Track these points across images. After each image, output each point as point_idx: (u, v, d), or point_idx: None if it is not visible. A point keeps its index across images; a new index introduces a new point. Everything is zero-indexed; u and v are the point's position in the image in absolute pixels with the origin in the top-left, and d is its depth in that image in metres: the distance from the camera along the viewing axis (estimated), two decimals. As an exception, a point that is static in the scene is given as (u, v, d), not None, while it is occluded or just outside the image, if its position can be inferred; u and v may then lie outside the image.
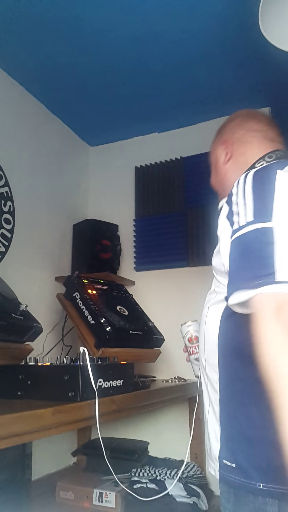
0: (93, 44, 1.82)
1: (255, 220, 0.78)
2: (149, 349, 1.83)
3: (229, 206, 0.87)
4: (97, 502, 1.71)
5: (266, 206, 0.78)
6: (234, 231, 0.82)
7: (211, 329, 0.95)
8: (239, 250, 0.79)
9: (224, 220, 0.87)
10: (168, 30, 1.74)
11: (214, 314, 0.95)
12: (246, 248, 0.78)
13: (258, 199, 0.80)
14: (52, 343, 1.98)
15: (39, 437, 0.95)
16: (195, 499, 1.68)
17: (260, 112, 1.16)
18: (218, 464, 0.86)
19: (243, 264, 0.77)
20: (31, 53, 1.87)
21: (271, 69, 1.95)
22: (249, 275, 0.74)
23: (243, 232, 0.79)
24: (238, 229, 0.80)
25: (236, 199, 0.84)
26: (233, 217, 0.83)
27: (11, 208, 1.95)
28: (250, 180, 0.84)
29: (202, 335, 1.01)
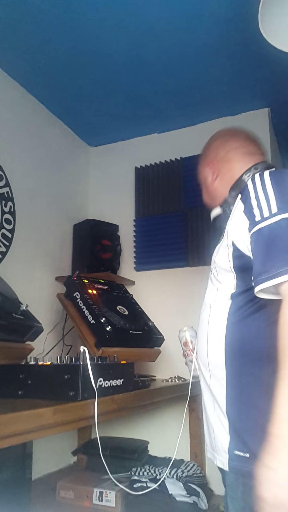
0: (93, 45, 1.82)
1: (279, 211, 0.83)
2: (149, 348, 1.84)
3: (245, 202, 0.92)
4: (97, 501, 1.72)
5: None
6: (256, 222, 0.86)
7: (216, 327, 0.98)
8: (265, 239, 0.84)
9: (241, 214, 0.92)
10: (168, 30, 1.74)
11: (219, 312, 0.98)
12: (273, 236, 0.83)
13: (280, 193, 0.86)
14: (52, 343, 1.99)
15: (39, 437, 0.95)
16: (195, 498, 1.69)
17: (239, 129, 1.24)
18: (228, 456, 0.89)
19: (271, 251, 0.82)
20: (31, 54, 1.87)
21: (271, 69, 1.95)
22: (280, 261, 0.79)
23: (269, 223, 0.84)
24: (261, 220, 0.85)
25: (254, 194, 0.90)
26: (253, 210, 0.88)
27: (11, 209, 1.95)
28: (268, 179, 0.90)
29: (204, 334, 1.03)
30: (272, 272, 0.79)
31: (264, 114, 2.28)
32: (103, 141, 2.66)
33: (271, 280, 0.79)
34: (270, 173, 0.91)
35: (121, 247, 2.38)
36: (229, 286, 0.98)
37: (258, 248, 0.85)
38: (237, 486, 0.87)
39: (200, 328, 1.06)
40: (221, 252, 1.00)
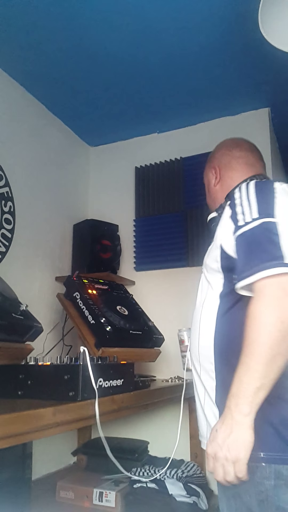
0: (93, 45, 1.82)
1: (260, 216, 0.93)
2: (149, 348, 1.84)
3: (232, 208, 1.01)
4: (97, 502, 1.72)
5: (268, 207, 0.94)
6: (239, 226, 0.95)
7: (206, 324, 1.06)
8: (247, 241, 0.93)
9: (228, 220, 1.01)
10: (168, 30, 1.74)
11: (209, 311, 1.06)
12: (254, 238, 0.92)
13: (261, 201, 0.96)
14: (52, 343, 1.99)
15: (39, 437, 0.95)
16: (195, 498, 1.69)
17: (243, 140, 1.35)
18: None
19: (251, 252, 0.90)
20: (32, 54, 1.87)
21: (271, 69, 1.95)
22: (257, 261, 0.87)
23: (250, 227, 0.93)
24: (244, 224, 0.94)
25: (240, 201, 0.99)
26: (237, 216, 0.97)
27: (11, 208, 1.95)
28: (253, 187, 1.00)
29: (196, 332, 1.11)
30: (250, 271, 0.87)
31: (264, 114, 2.28)
32: (103, 141, 2.66)
33: (249, 277, 0.87)
34: (255, 183, 1.01)
35: (121, 247, 2.38)
36: (218, 285, 1.06)
37: (240, 250, 0.94)
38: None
39: (193, 326, 1.14)
40: (211, 254, 1.08)
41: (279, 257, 0.85)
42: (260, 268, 0.85)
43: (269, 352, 0.81)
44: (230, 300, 1.01)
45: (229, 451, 0.83)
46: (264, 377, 0.82)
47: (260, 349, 0.82)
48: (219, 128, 2.37)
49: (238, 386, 0.84)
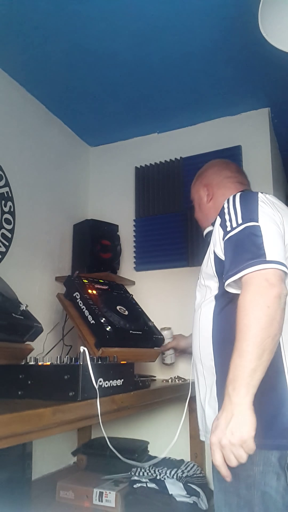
0: (93, 45, 1.82)
1: (243, 222, 1.05)
2: (149, 348, 1.84)
3: (221, 217, 1.13)
4: (97, 502, 1.72)
5: (252, 213, 1.06)
6: (227, 232, 1.07)
7: (205, 324, 1.16)
8: (234, 243, 1.04)
9: (218, 228, 1.13)
10: (168, 30, 1.74)
11: (206, 312, 1.17)
12: (240, 241, 1.03)
13: (245, 208, 1.09)
14: (52, 343, 1.99)
15: (39, 437, 0.95)
16: (195, 498, 1.69)
17: (229, 161, 1.54)
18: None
19: (236, 253, 1.02)
20: (31, 54, 1.87)
21: (271, 69, 1.95)
22: (242, 260, 0.98)
23: (235, 232, 1.05)
24: (231, 230, 1.07)
25: (227, 211, 1.12)
26: (225, 223, 1.10)
27: (11, 208, 1.95)
28: (238, 197, 1.13)
29: (196, 332, 1.21)
30: (237, 269, 0.99)
31: (264, 114, 2.28)
32: (103, 141, 2.66)
33: (236, 274, 0.98)
34: (240, 194, 1.15)
35: (121, 247, 2.38)
36: (213, 288, 1.17)
37: (227, 252, 1.06)
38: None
39: (193, 328, 1.24)
40: (205, 261, 1.21)
41: (261, 255, 0.96)
42: (245, 266, 0.97)
43: (260, 335, 0.89)
44: (224, 300, 1.12)
45: (233, 435, 0.87)
46: (257, 359, 0.88)
47: (251, 333, 0.90)
48: (219, 128, 2.37)
49: (234, 371, 0.90)
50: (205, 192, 1.44)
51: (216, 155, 2.30)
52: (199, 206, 1.47)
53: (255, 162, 2.23)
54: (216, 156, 2.29)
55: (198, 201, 1.48)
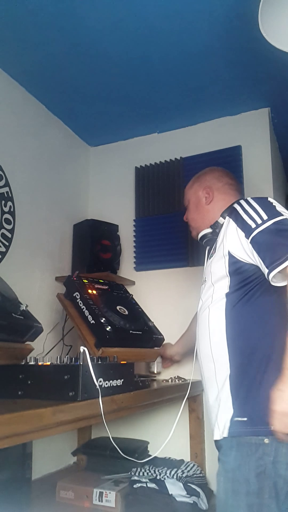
0: (93, 45, 1.82)
1: (269, 218, 1.12)
2: (149, 348, 1.84)
3: (237, 220, 1.20)
4: (97, 502, 1.72)
5: (273, 210, 1.15)
6: (253, 229, 1.13)
7: (216, 322, 1.20)
8: (266, 239, 1.11)
9: (234, 230, 1.20)
10: (168, 30, 1.74)
11: (217, 310, 1.21)
12: (273, 234, 1.10)
13: (265, 207, 1.16)
14: (52, 343, 1.99)
15: (39, 437, 0.95)
16: (195, 498, 1.69)
17: (226, 170, 1.58)
18: (229, 425, 1.10)
19: (273, 246, 1.08)
20: (31, 54, 1.87)
21: (271, 69, 1.95)
22: (283, 251, 1.06)
23: (264, 227, 1.11)
24: (257, 227, 1.13)
25: (244, 212, 1.18)
26: (246, 223, 1.16)
27: (11, 208, 1.95)
28: (252, 200, 1.21)
29: (205, 331, 1.24)
30: (279, 260, 1.05)
31: (264, 114, 2.28)
32: (103, 141, 2.66)
33: (280, 265, 1.05)
34: (253, 198, 1.22)
35: (121, 247, 2.38)
36: (223, 287, 1.21)
37: (262, 247, 1.10)
38: (230, 449, 1.08)
39: (201, 327, 1.27)
40: (215, 263, 1.25)
41: None
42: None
43: None
44: (236, 296, 1.18)
45: None
46: None
47: None
48: (219, 128, 2.37)
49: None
50: (204, 194, 1.48)
51: (216, 155, 2.30)
52: (196, 207, 1.51)
53: (255, 162, 2.23)
54: (217, 156, 2.30)
55: (195, 202, 1.52)
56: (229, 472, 1.06)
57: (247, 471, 1.02)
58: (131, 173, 2.56)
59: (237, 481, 1.03)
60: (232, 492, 1.04)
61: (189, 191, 1.56)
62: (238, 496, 1.02)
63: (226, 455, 1.09)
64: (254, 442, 1.02)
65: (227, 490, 1.05)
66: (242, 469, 1.02)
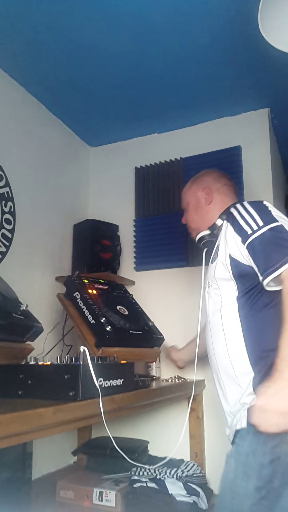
0: (93, 45, 1.82)
1: (265, 224, 1.13)
2: (149, 348, 1.84)
3: (234, 224, 1.21)
4: (97, 501, 1.72)
5: (268, 216, 1.16)
6: (249, 235, 1.14)
7: (231, 326, 1.20)
8: (262, 243, 1.12)
9: (232, 234, 1.21)
10: (168, 30, 1.74)
11: (230, 314, 1.21)
12: (267, 241, 1.11)
13: (261, 212, 1.17)
14: (52, 343, 1.99)
15: (39, 436, 0.95)
16: (195, 498, 1.69)
17: (224, 172, 1.59)
18: (247, 414, 1.11)
19: (268, 252, 1.09)
20: (31, 54, 1.87)
21: (271, 70, 1.95)
22: (277, 257, 1.07)
23: (259, 233, 1.13)
24: (253, 232, 1.14)
25: (241, 217, 1.20)
26: (242, 228, 1.17)
27: (11, 208, 1.95)
28: (248, 204, 1.22)
29: (220, 336, 1.23)
30: (275, 266, 1.06)
31: (264, 115, 2.28)
32: (103, 141, 2.66)
33: (276, 271, 1.06)
34: (249, 202, 1.24)
35: (121, 247, 2.38)
36: (232, 291, 1.21)
37: (257, 253, 1.12)
38: (247, 434, 1.08)
39: (214, 332, 1.27)
40: (219, 266, 1.25)
41: None
42: (284, 262, 1.06)
43: None
44: (248, 301, 1.18)
45: (280, 405, 1.00)
46: None
47: None
48: (219, 129, 2.37)
49: (284, 351, 1.02)
50: (203, 195, 1.49)
51: (216, 156, 2.30)
52: (196, 208, 1.52)
53: (255, 163, 2.24)
54: (216, 156, 2.30)
55: (194, 203, 1.52)
56: (243, 455, 1.08)
57: (261, 456, 1.04)
58: (131, 173, 2.56)
59: (249, 465, 1.05)
60: (243, 474, 1.06)
61: (187, 193, 1.58)
62: (248, 479, 1.05)
63: (241, 438, 1.11)
64: (273, 431, 1.03)
65: (237, 471, 1.08)
66: (257, 454, 1.04)
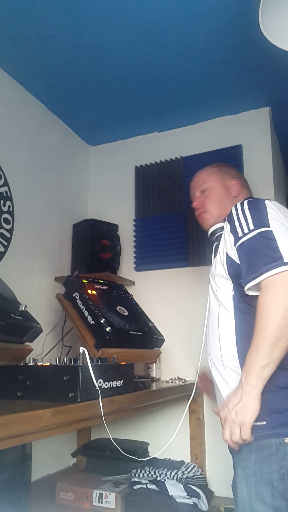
0: (93, 44, 1.81)
1: (255, 227, 1.10)
2: (149, 349, 1.83)
3: (231, 223, 1.18)
4: (97, 503, 1.71)
5: (262, 219, 1.11)
6: (239, 238, 1.12)
7: (226, 326, 1.18)
8: (249, 248, 1.08)
9: (229, 234, 1.18)
10: (168, 30, 1.73)
11: (226, 314, 1.19)
12: (254, 246, 1.07)
13: (255, 214, 1.13)
14: (51, 344, 1.98)
15: (38, 438, 0.94)
16: (195, 499, 1.68)
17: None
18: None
19: (252, 258, 1.06)
20: (31, 53, 1.86)
21: (271, 69, 1.94)
22: (259, 264, 1.03)
23: (249, 237, 1.09)
24: (243, 235, 1.11)
25: (237, 217, 1.16)
26: (236, 229, 1.14)
27: (10, 208, 1.94)
28: (246, 205, 1.17)
29: (215, 334, 1.22)
30: (256, 273, 1.03)
31: (265, 113, 2.27)
32: (103, 140, 2.65)
33: (256, 278, 1.03)
34: (248, 201, 1.19)
35: (121, 247, 2.37)
36: (228, 290, 1.20)
37: (243, 257, 1.10)
38: (250, 452, 1.05)
39: (211, 331, 1.26)
40: (217, 264, 1.23)
41: (279, 258, 1.01)
42: (265, 270, 1.01)
43: (274, 336, 0.97)
44: (244, 301, 1.15)
45: (237, 415, 1.00)
46: (269, 356, 0.98)
47: (267, 333, 0.98)
48: (220, 127, 2.36)
49: (248, 364, 1.01)
50: (234, 185, 1.40)
51: (216, 154, 2.29)
52: (220, 197, 1.39)
53: (256, 161, 2.23)
54: (217, 155, 2.29)
55: (220, 191, 1.40)
56: (251, 476, 1.03)
57: (269, 473, 1.00)
58: (131, 172, 2.55)
59: (260, 485, 1.01)
60: (257, 496, 1.01)
61: (211, 177, 1.44)
62: (264, 500, 1.00)
63: (245, 459, 1.06)
64: (275, 443, 1.01)
65: (251, 495, 1.03)
66: (264, 472, 1.01)
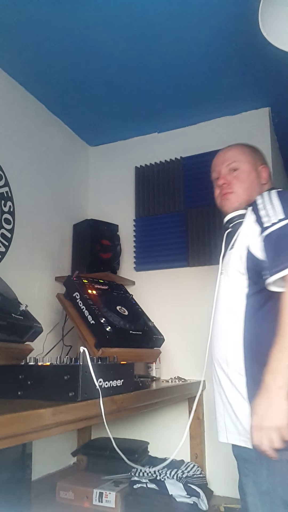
0: (93, 44, 1.82)
1: (285, 217, 1.03)
2: (149, 349, 1.83)
3: (256, 213, 1.11)
4: (97, 502, 1.71)
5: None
6: (266, 227, 1.05)
7: (233, 326, 1.12)
8: (276, 239, 1.02)
9: (252, 224, 1.11)
10: (168, 30, 1.73)
11: (236, 313, 1.12)
12: (280, 238, 1.02)
13: (285, 204, 1.06)
14: (52, 343, 1.98)
15: (39, 437, 0.95)
16: (195, 499, 1.68)
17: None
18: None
19: (279, 250, 1.01)
20: (31, 53, 1.87)
21: (272, 69, 1.95)
22: (286, 257, 0.98)
23: (277, 227, 1.03)
24: (271, 225, 1.04)
25: (263, 206, 1.10)
26: (262, 219, 1.08)
27: (11, 208, 1.95)
28: (275, 194, 1.11)
29: (221, 332, 1.16)
30: (282, 265, 0.98)
31: (265, 114, 2.28)
32: (103, 140, 2.65)
33: (281, 271, 0.98)
34: (277, 191, 1.12)
35: (121, 247, 2.37)
36: (243, 287, 1.12)
37: (269, 248, 1.03)
38: (261, 467, 1.02)
39: (217, 327, 1.19)
40: (234, 257, 1.15)
41: None
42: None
43: None
44: (258, 300, 1.09)
45: (273, 420, 0.94)
46: None
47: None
48: (220, 128, 2.37)
49: (273, 363, 0.96)
50: (263, 172, 1.30)
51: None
52: (250, 180, 1.28)
53: (255, 162, 2.23)
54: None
55: (250, 173, 1.29)
56: (265, 494, 1.01)
57: (284, 492, 0.98)
58: (131, 173, 2.56)
59: (275, 504, 0.99)
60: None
61: (244, 157, 1.31)
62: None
63: (257, 474, 1.04)
64: (286, 458, 0.97)
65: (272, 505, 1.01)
66: (279, 491, 0.98)
